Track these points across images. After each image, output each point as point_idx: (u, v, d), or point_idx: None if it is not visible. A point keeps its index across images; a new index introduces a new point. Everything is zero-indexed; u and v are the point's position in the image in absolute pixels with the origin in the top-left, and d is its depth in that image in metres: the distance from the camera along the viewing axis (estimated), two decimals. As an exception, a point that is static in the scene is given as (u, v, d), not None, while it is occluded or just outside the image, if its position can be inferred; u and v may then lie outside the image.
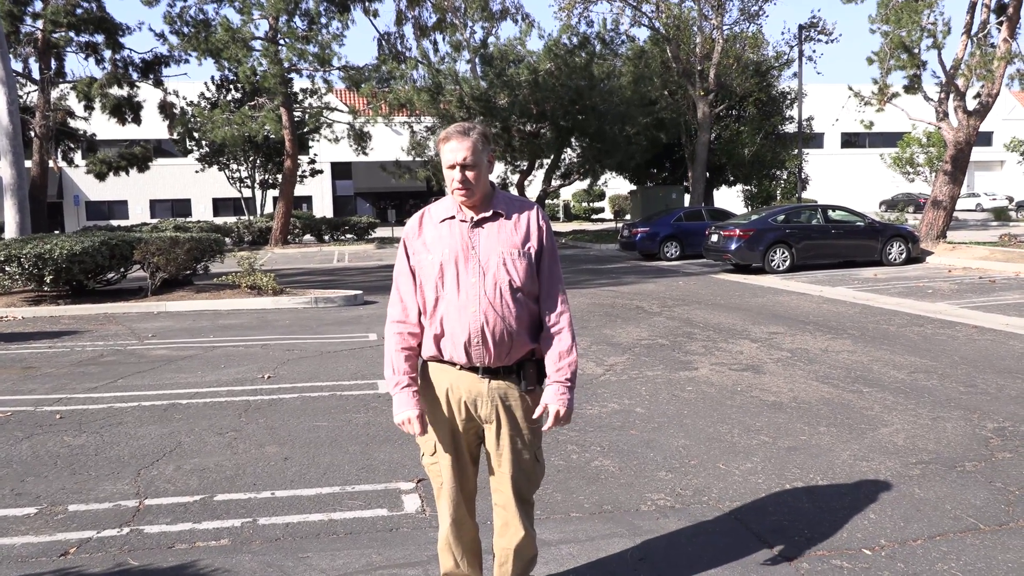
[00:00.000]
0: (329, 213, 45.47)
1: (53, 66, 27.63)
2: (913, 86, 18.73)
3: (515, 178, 33.59)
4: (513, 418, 2.58)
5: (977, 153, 33.02)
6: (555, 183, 33.39)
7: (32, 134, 26.76)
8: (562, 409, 2.53)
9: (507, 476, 2.63)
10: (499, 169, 34.68)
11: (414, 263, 2.59)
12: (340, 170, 47.34)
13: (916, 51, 18.29)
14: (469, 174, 2.47)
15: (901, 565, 3.18)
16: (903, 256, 16.58)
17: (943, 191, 19.09)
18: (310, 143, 35.25)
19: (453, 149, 2.46)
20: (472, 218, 2.54)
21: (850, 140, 53.18)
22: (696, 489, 4.04)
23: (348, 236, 33.41)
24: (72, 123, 30.22)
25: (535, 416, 2.59)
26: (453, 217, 2.56)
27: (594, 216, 50.04)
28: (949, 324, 9.04)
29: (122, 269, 13.12)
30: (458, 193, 2.50)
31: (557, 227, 39.24)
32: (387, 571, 3.21)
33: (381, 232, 35.80)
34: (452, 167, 2.47)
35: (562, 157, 32.03)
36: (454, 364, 2.56)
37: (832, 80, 52.46)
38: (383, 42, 28.21)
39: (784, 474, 4.24)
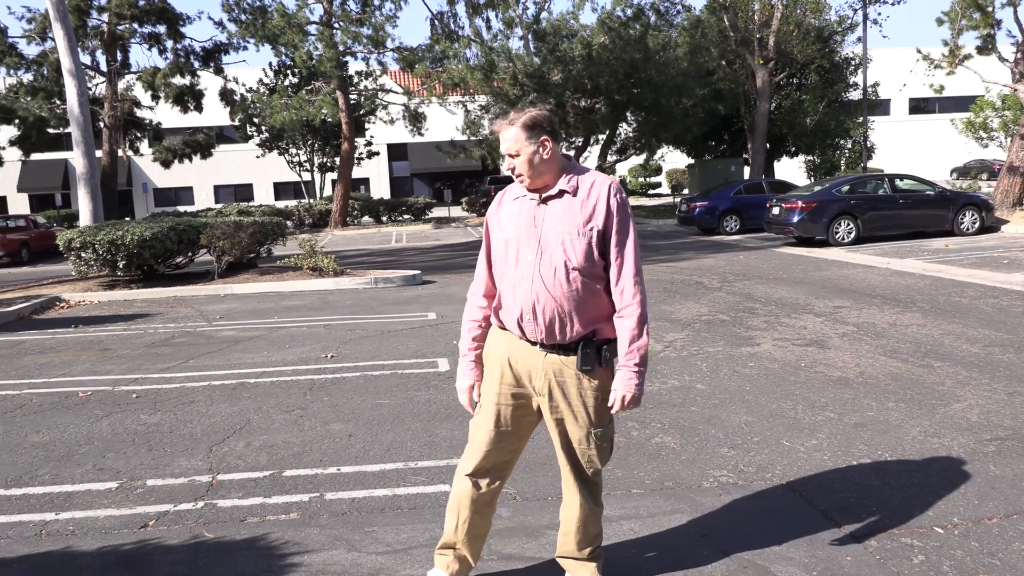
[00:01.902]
0: (386, 194, 45.97)
1: (119, 58, 28.53)
2: (987, 46, 17.88)
3: (571, 154, 33.32)
4: (566, 395, 2.58)
5: (1057, 115, 31.33)
6: (611, 159, 33.01)
7: (101, 124, 27.72)
8: (628, 394, 2.52)
9: (560, 451, 2.67)
10: (554, 146, 34.46)
11: (492, 240, 2.70)
12: (396, 151, 47.72)
13: (990, 9, 17.43)
14: (517, 162, 2.53)
15: (975, 544, 3.09)
16: (976, 225, 15.92)
17: (1020, 156, 18.22)
18: (366, 125, 35.59)
19: (503, 141, 2.55)
20: (540, 196, 2.57)
21: (918, 106, 51.06)
22: (759, 466, 3.99)
23: (405, 217, 33.74)
24: (138, 112, 31.18)
25: (609, 406, 2.57)
26: (525, 195, 2.61)
27: (651, 191, 49.38)
28: (1026, 295, 8.68)
29: (189, 253, 13.55)
30: (517, 180, 2.58)
31: (613, 203, 38.74)
32: (451, 545, 3.26)
33: (438, 212, 36.04)
34: (503, 157, 2.57)
35: (617, 132, 31.61)
36: (515, 334, 2.62)
37: (898, 44, 50.45)
38: (436, 22, 28.20)
39: (851, 451, 4.14)
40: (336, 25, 26.58)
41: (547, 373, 2.58)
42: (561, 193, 2.55)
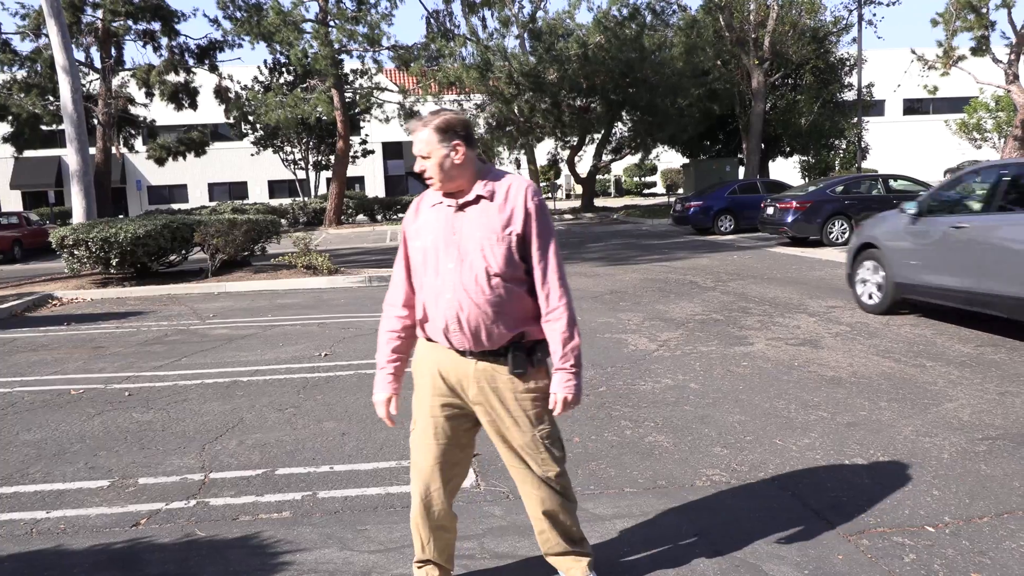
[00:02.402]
0: (381, 193, 45.95)
1: (113, 54, 28.43)
2: (981, 48, 17.96)
3: (565, 154, 33.36)
4: (502, 401, 2.56)
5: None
6: (606, 158, 33.06)
7: (95, 121, 27.63)
8: (569, 395, 2.51)
9: (508, 457, 2.65)
10: (549, 145, 34.51)
11: (409, 248, 2.64)
12: (391, 150, 47.70)
13: (984, 10, 17.51)
14: (427, 165, 2.48)
15: (966, 543, 3.10)
16: (970, 226, 15.92)
17: (1013, 157, 18.31)
18: (361, 123, 35.57)
19: (415, 142, 2.50)
20: (456, 203, 2.53)
21: (913, 107, 51.24)
22: (752, 465, 4.00)
23: (400, 215, 33.71)
24: (132, 110, 31.07)
25: (551, 408, 2.56)
26: (441, 202, 2.57)
27: (646, 191, 49.46)
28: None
29: (183, 251, 13.51)
30: (428, 182, 2.53)
31: (608, 202, 38.92)
32: (443, 544, 3.26)
33: (432, 211, 35.95)
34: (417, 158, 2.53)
35: (613, 131, 31.66)
36: (442, 344, 2.59)
37: (893, 44, 50.51)
38: (431, 20, 28.17)
39: (843, 450, 4.16)
40: (332, 23, 26.53)
41: (479, 381, 2.55)
42: (478, 199, 2.51)
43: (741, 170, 29.26)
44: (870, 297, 8.11)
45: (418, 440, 2.67)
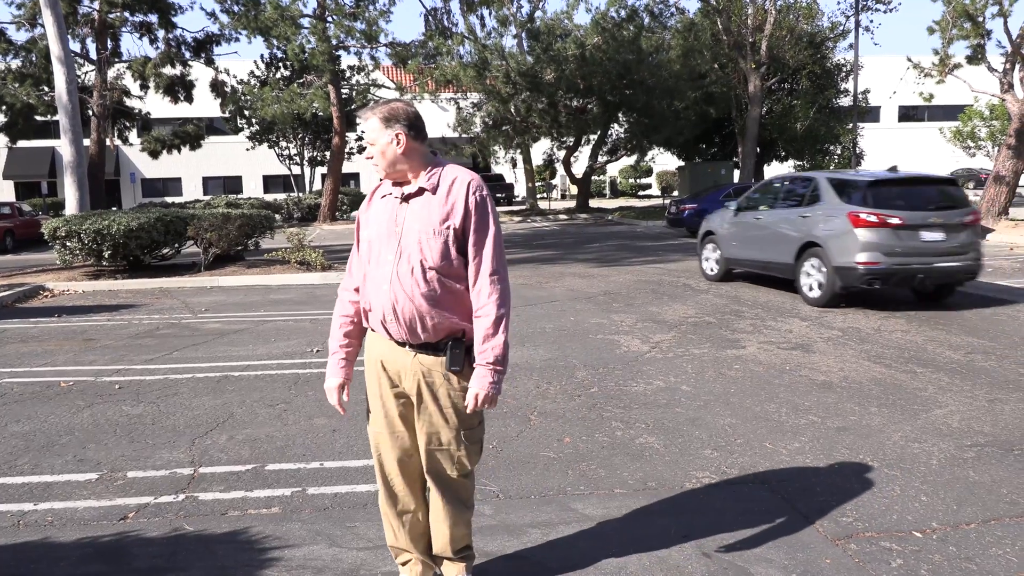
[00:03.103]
0: (376, 190, 45.78)
1: (109, 46, 28.28)
2: (976, 56, 18.03)
3: (561, 154, 33.37)
4: (435, 396, 2.57)
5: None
6: (602, 159, 33.08)
7: (90, 113, 27.49)
8: (481, 392, 2.47)
9: (426, 454, 2.64)
10: (545, 145, 34.51)
11: (360, 237, 2.69)
12: (387, 147, 47.51)
13: (980, 19, 17.58)
14: (373, 151, 2.53)
15: (953, 548, 3.12)
16: (962, 233, 16.03)
17: (1006, 166, 18.39)
18: (357, 120, 35.48)
19: (364, 129, 2.55)
20: (403, 194, 2.55)
21: (908, 113, 51.45)
22: (742, 468, 4.01)
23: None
24: (128, 102, 30.95)
25: (465, 405, 2.56)
26: (390, 193, 2.59)
27: (641, 192, 49.51)
28: (1009, 304, 8.75)
29: (176, 245, 13.45)
30: (375, 169, 2.58)
31: (603, 203, 38.95)
32: (432, 542, 3.26)
33: (427, 209, 35.93)
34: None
35: (609, 133, 31.68)
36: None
37: (890, 51, 50.83)
38: (430, 18, 28.12)
39: (833, 454, 4.17)
40: (329, 19, 26.46)
41: (416, 374, 2.56)
42: (421, 191, 2.53)
43: (736, 174, 29.31)
44: (711, 269, 11.26)
45: (373, 429, 2.70)
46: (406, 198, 2.54)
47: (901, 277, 8.32)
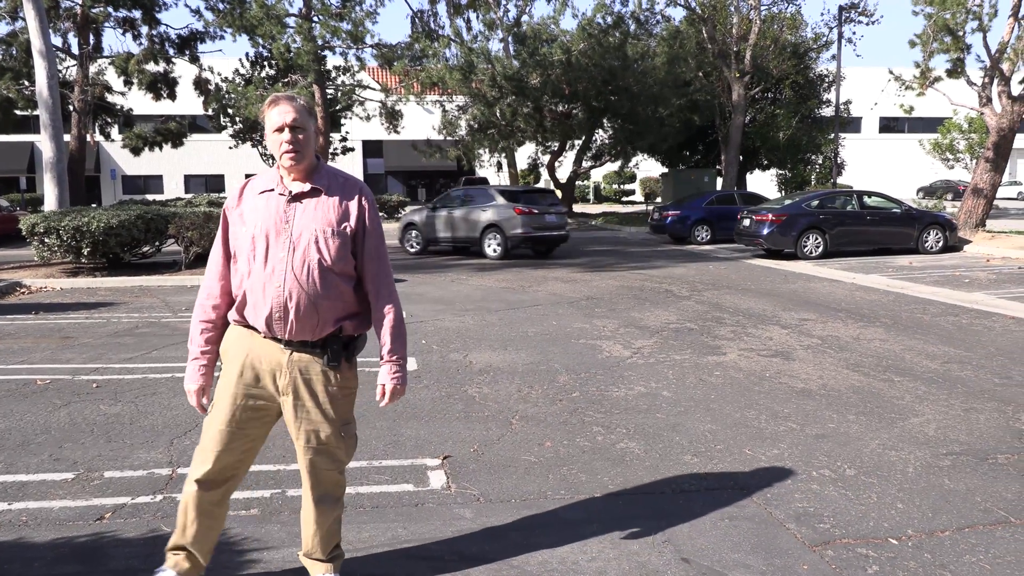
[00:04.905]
0: (360, 191, 45.59)
1: (91, 41, 27.97)
2: (956, 70, 18.29)
3: (546, 159, 33.42)
4: (313, 393, 2.59)
5: (1020, 140, 32.15)
6: (586, 164, 33.16)
7: (71, 108, 27.19)
8: (389, 385, 2.62)
9: (304, 453, 2.65)
10: (530, 149, 34.56)
11: (230, 234, 2.63)
12: (371, 148, 47.44)
13: (960, 34, 17.84)
14: (300, 136, 2.50)
15: (928, 555, 3.16)
16: (940, 244, 16.27)
17: (984, 178, 18.66)
18: (342, 121, 35.36)
19: (282, 111, 2.49)
20: (290, 192, 2.54)
21: (889, 125, 52.08)
22: (721, 474, 4.04)
23: (380, 214, 33.53)
24: (109, 98, 30.62)
25: (378, 400, 2.64)
26: (272, 190, 2.57)
27: (624, 198, 49.68)
28: (985, 314, 8.88)
29: (157, 243, 13.35)
30: (287, 157, 2.51)
31: (587, 208, 39.05)
32: (412, 545, 3.26)
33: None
34: (280, 129, 2.49)
35: (593, 138, 31.78)
36: (258, 332, 2.58)
37: (872, 63, 51.41)
38: (416, 20, 28.09)
39: (811, 461, 4.21)
40: (315, 19, 26.35)
41: (292, 371, 2.57)
42: (314, 191, 2.54)
43: (719, 181, 29.52)
44: (412, 247, 17.23)
45: (211, 423, 2.62)
46: (296, 197, 2.54)
47: (536, 239, 15.77)
